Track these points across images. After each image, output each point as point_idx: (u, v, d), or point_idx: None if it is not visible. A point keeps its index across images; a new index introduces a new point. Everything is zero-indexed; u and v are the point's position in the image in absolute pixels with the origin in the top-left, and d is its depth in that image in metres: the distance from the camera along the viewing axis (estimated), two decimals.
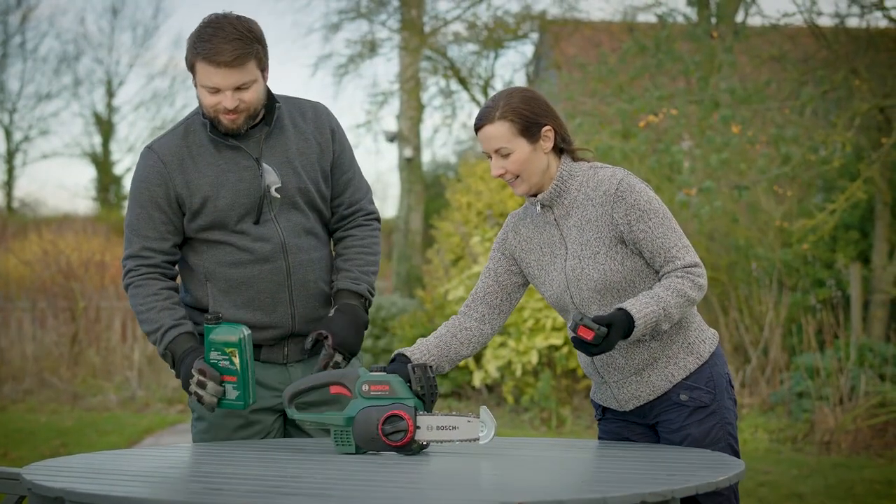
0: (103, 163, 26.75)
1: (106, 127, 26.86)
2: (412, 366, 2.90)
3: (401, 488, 2.41)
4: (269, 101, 3.24)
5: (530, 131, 2.96)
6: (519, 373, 9.33)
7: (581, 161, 3.06)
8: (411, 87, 16.47)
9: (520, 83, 17.55)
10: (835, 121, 9.10)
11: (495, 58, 17.01)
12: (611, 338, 2.80)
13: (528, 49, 19.59)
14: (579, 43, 15.37)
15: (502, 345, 9.46)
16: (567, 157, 3.04)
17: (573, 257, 2.99)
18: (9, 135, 26.50)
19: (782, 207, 9.99)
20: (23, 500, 2.87)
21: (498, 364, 9.39)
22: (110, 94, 27.09)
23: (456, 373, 9.93)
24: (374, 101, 16.96)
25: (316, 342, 3.25)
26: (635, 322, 2.83)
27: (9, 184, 26.66)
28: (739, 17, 11.45)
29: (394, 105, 19.12)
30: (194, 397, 3.09)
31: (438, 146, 36.91)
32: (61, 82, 30.23)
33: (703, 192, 8.40)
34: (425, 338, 3.12)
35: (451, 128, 20.82)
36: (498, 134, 2.96)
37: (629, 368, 3.03)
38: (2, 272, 13.16)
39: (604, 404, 3.16)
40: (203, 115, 3.20)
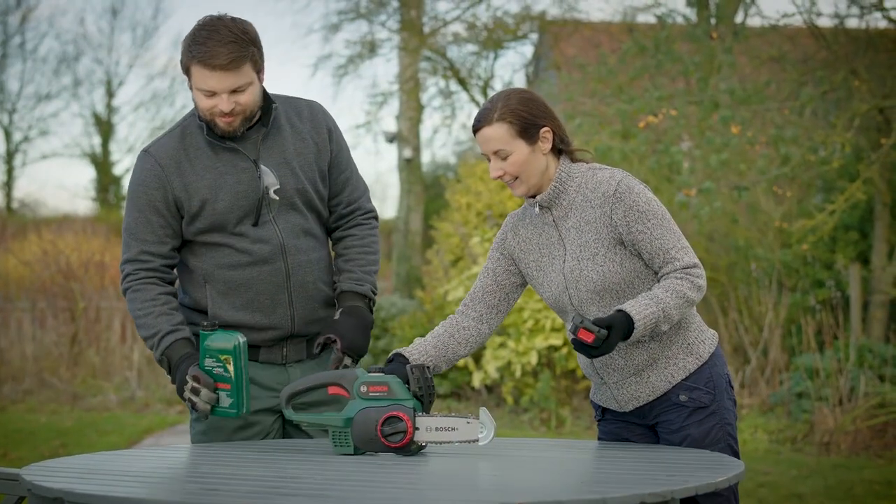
0: (103, 163, 26.74)
1: (105, 127, 26.85)
2: (411, 367, 2.90)
3: (399, 489, 2.41)
4: (266, 102, 3.23)
5: (529, 133, 2.96)
6: (518, 373, 9.32)
7: (580, 162, 3.06)
8: (411, 88, 16.48)
9: (519, 84, 17.55)
10: (834, 121, 9.10)
11: (495, 58, 17.01)
12: (611, 340, 2.81)
13: (527, 50, 19.63)
14: (579, 43, 15.36)
15: (502, 345, 9.45)
16: (566, 158, 3.04)
17: (572, 258, 2.99)
18: (8, 135, 26.52)
19: (782, 208, 9.99)
20: (22, 500, 2.87)
21: (497, 365, 9.38)
22: (110, 94, 27.10)
23: (455, 373, 9.93)
24: (374, 102, 16.97)
25: (324, 346, 3.24)
26: (635, 324, 2.83)
27: (8, 184, 26.69)
28: (739, 18, 11.46)
29: (393, 106, 19.13)
30: (188, 404, 3.09)
31: (438, 147, 36.98)
32: (61, 83, 30.21)
33: (703, 193, 8.40)
34: (423, 337, 3.12)
35: (451, 128, 20.80)
36: (496, 135, 2.96)
37: (629, 369, 3.03)
38: (1, 272, 13.15)
39: (603, 405, 3.16)
40: (199, 117, 3.19)
